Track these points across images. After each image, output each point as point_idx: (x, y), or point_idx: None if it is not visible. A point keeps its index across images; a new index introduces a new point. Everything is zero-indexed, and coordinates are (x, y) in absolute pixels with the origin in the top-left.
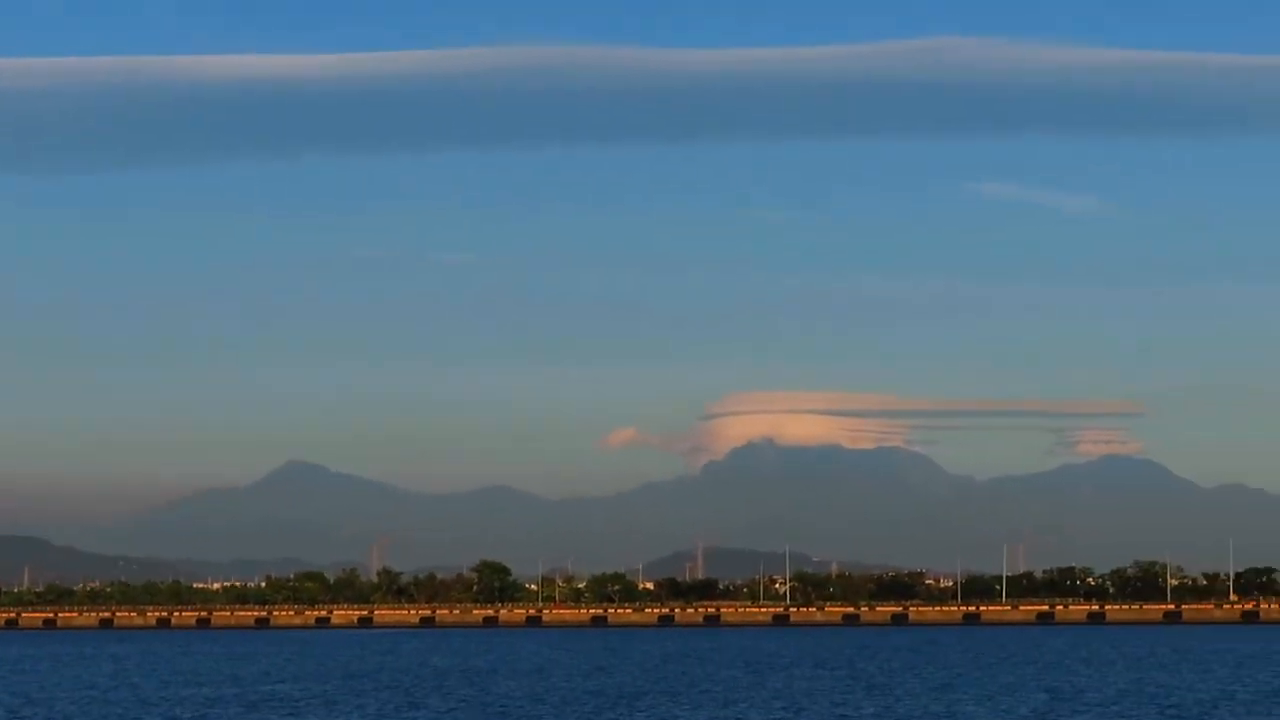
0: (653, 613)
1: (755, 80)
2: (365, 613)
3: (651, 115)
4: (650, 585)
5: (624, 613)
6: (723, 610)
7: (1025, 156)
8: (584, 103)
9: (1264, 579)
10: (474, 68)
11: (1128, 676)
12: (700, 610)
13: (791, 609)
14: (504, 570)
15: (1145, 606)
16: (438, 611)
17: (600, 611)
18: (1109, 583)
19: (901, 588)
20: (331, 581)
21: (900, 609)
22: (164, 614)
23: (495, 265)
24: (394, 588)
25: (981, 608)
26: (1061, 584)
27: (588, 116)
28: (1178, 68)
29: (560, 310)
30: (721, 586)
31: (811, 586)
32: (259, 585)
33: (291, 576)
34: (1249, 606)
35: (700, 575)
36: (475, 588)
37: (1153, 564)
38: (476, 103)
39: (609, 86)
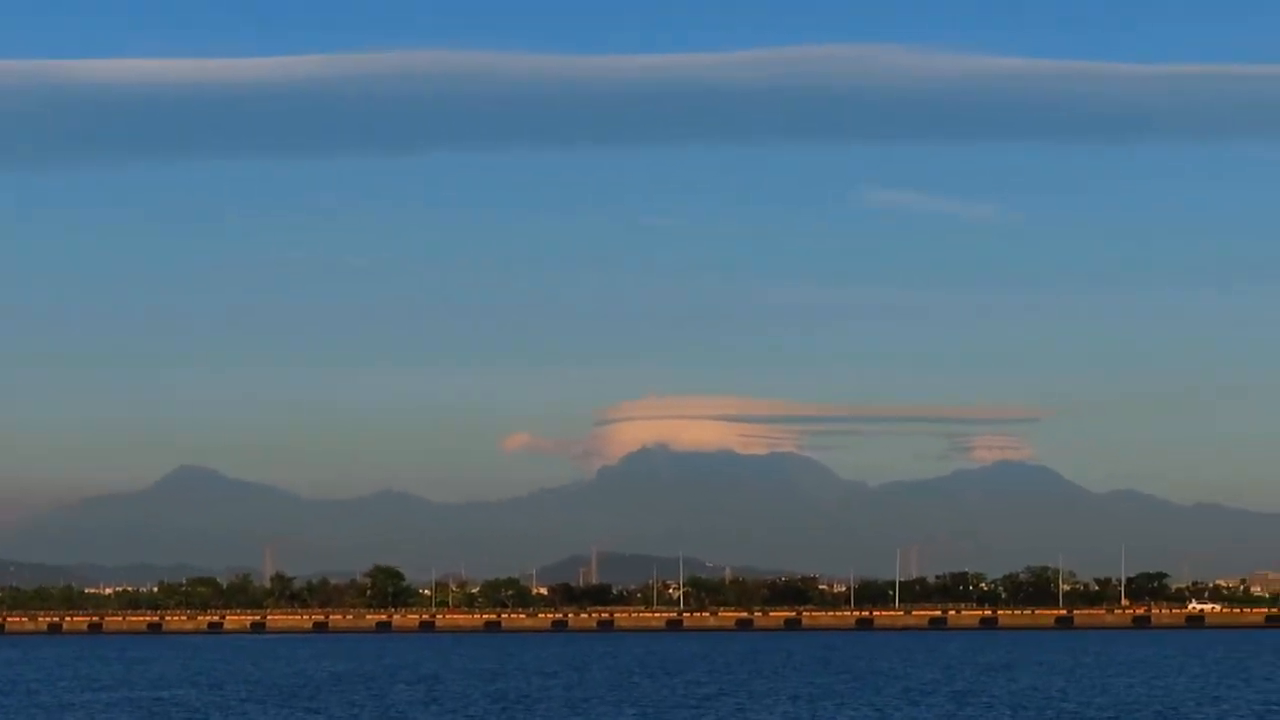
0: (546, 618)
1: (648, 87)
2: (258, 618)
3: (545, 121)
4: (544, 590)
5: (518, 618)
6: (616, 615)
7: (923, 163)
8: (478, 108)
9: (1155, 584)
10: (371, 72)
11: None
12: (594, 615)
13: (685, 614)
14: (397, 575)
15: (1037, 612)
16: (331, 617)
17: (494, 617)
18: (1001, 588)
19: (795, 593)
20: (224, 586)
21: (794, 614)
22: (55, 619)
23: (391, 269)
24: (287, 593)
25: (875, 613)
26: (954, 589)
27: (482, 122)
28: (1076, 75)
29: (455, 314)
30: (615, 592)
31: (705, 592)
32: (151, 590)
33: (184, 582)
34: (1140, 612)
35: (594, 580)
36: (369, 593)
37: (1045, 569)
38: (375, 107)
39: (500, 92)
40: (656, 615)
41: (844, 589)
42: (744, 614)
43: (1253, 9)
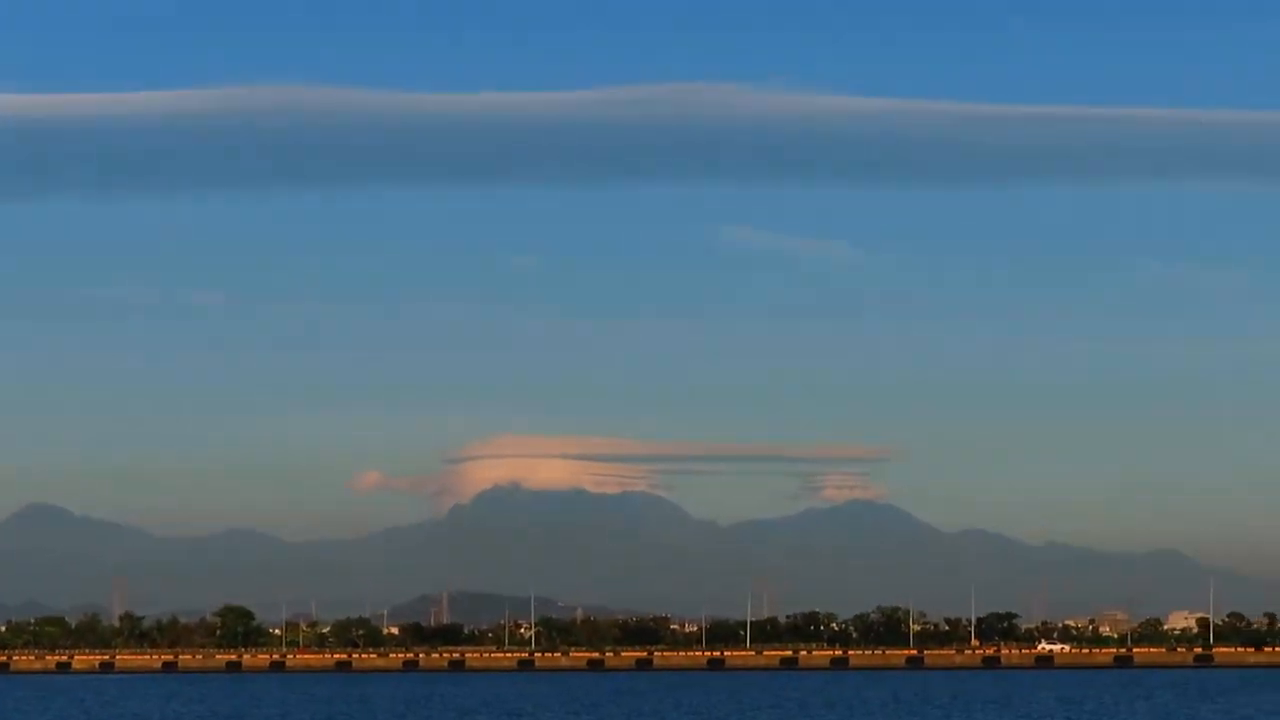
0: (397, 658)
1: (501, 124)
2: (107, 657)
3: (400, 158)
4: (395, 630)
5: (368, 658)
6: (467, 655)
7: (772, 203)
8: (329, 146)
9: (1005, 624)
10: (214, 109)
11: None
12: (445, 655)
13: (537, 654)
14: (247, 614)
15: (888, 652)
16: (180, 656)
17: (344, 656)
18: (852, 628)
19: (646, 633)
20: (73, 626)
21: (645, 654)
22: None
23: (241, 307)
24: (136, 632)
25: (726, 653)
26: (805, 629)
27: (333, 160)
28: (926, 116)
29: (306, 352)
30: (467, 631)
31: (556, 632)
32: None
33: (32, 621)
34: (990, 652)
35: (445, 620)
36: (218, 632)
37: (896, 609)
38: (223, 143)
39: (352, 129)
40: (508, 655)
41: (695, 629)
42: (595, 654)
43: (1101, 51)
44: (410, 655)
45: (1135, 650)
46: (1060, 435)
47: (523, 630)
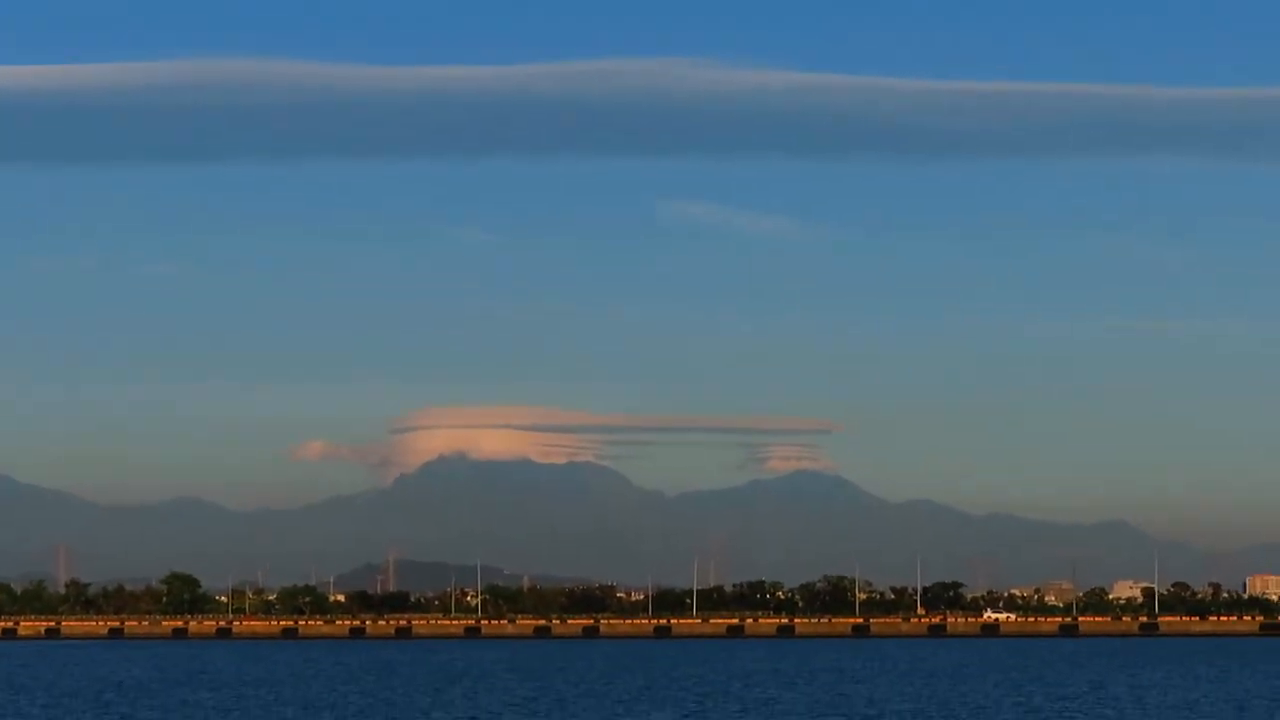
0: (343, 625)
1: (446, 99)
2: (52, 624)
3: (344, 132)
4: (341, 598)
5: (315, 625)
6: (414, 623)
7: (719, 177)
8: (275, 118)
9: (951, 593)
10: (160, 81)
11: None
12: (391, 623)
13: (483, 622)
14: (194, 582)
15: (834, 620)
16: (126, 623)
17: (291, 624)
18: (798, 597)
19: (593, 601)
20: (18, 593)
21: (591, 622)
22: None
23: (189, 277)
24: (82, 599)
25: (672, 621)
26: (751, 598)
27: (279, 133)
28: (870, 90)
29: (251, 321)
30: (413, 599)
31: (503, 600)
32: None
33: None
34: (936, 620)
35: (391, 588)
36: (165, 599)
37: (841, 579)
38: (172, 116)
39: (296, 103)
40: (454, 623)
41: (641, 597)
42: (542, 622)
43: (1046, 26)
44: (357, 623)
45: (1081, 619)
46: (1006, 406)
47: (469, 598)
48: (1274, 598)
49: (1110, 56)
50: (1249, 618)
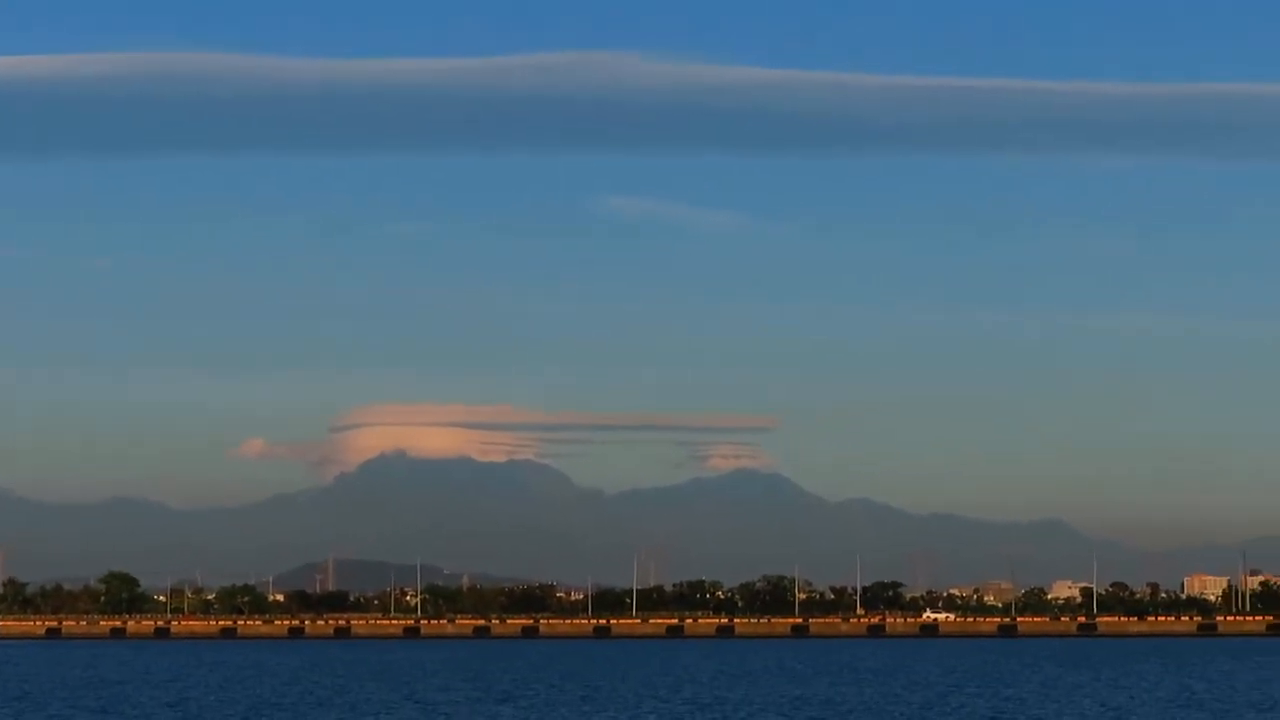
0: (283, 624)
1: (385, 92)
2: None
3: (289, 124)
4: (280, 597)
5: (254, 625)
6: (353, 623)
7: (657, 172)
8: (218, 111)
9: (890, 593)
10: (95, 73)
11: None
12: (331, 622)
13: (423, 621)
14: (132, 581)
15: (773, 620)
16: (64, 623)
17: (230, 623)
18: (738, 596)
19: (532, 600)
20: None
21: (531, 622)
22: None
23: (126, 272)
24: (19, 599)
25: (612, 621)
26: (691, 597)
27: (220, 126)
28: (811, 85)
29: (191, 318)
30: (352, 599)
31: (442, 599)
32: None
33: None
34: (875, 620)
35: (331, 587)
36: (103, 599)
37: (781, 578)
38: (111, 108)
39: (235, 96)
40: (394, 622)
41: (581, 597)
42: (481, 621)
43: (991, 22)
44: (296, 622)
45: (1019, 619)
46: (946, 405)
47: (408, 597)
48: (1212, 598)
49: (1057, 53)
50: (1187, 618)
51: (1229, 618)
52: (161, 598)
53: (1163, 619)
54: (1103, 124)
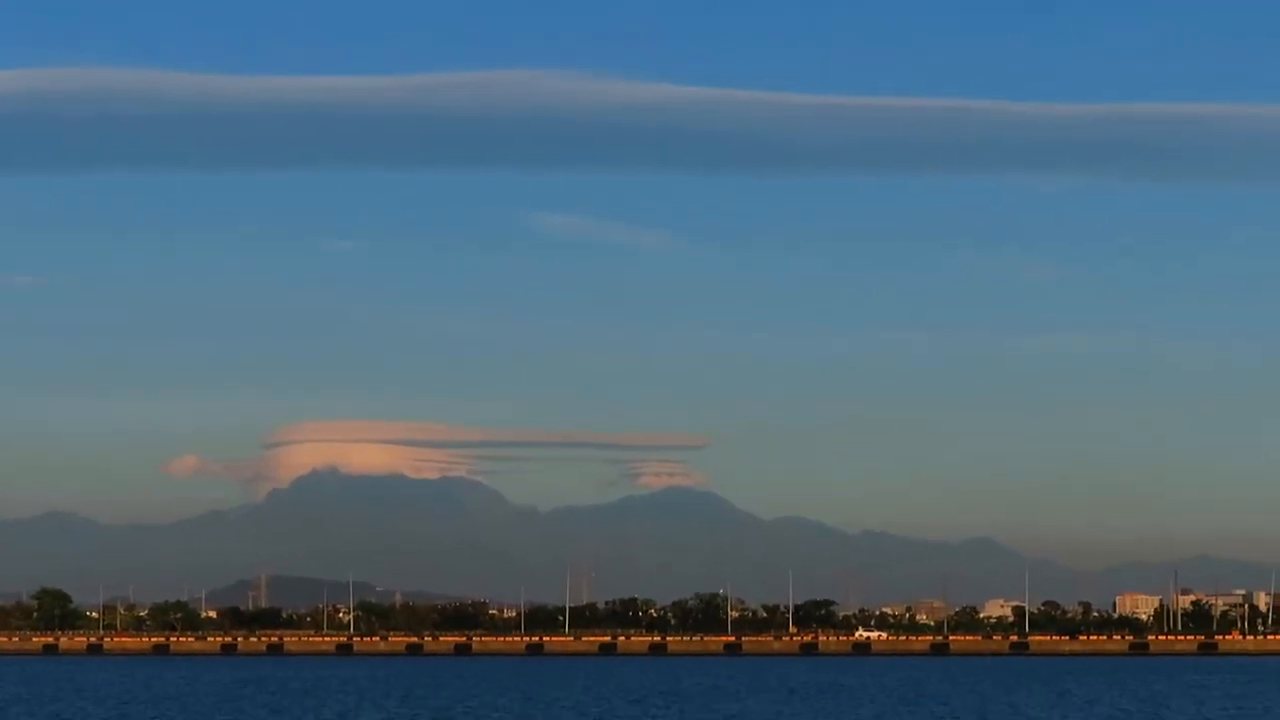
0: (215, 641)
1: (319, 109)
2: None
3: (222, 141)
4: (213, 614)
5: (186, 641)
6: (286, 639)
7: (590, 190)
8: (146, 128)
9: (823, 611)
10: (21, 89)
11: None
12: (264, 639)
13: (355, 638)
14: (64, 598)
15: (706, 638)
16: None
17: (162, 640)
18: (670, 614)
19: (465, 618)
20: None
21: (464, 639)
22: None
23: (57, 289)
24: None
25: (545, 638)
26: (624, 615)
27: (150, 142)
28: (737, 105)
29: (122, 336)
30: (285, 615)
31: (375, 616)
32: None
33: None
34: (808, 639)
35: (264, 604)
36: (35, 615)
37: (714, 596)
38: (40, 125)
39: (167, 113)
40: (326, 639)
41: (514, 614)
42: (414, 639)
43: (922, 42)
44: (228, 639)
45: (952, 638)
46: (878, 424)
47: (341, 614)
48: (1144, 617)
49: (976, 73)
50: (1119, 637)
51: (1160, 637)
52: (94, 614)
53: (1095, 638)
54: (1028, 145)
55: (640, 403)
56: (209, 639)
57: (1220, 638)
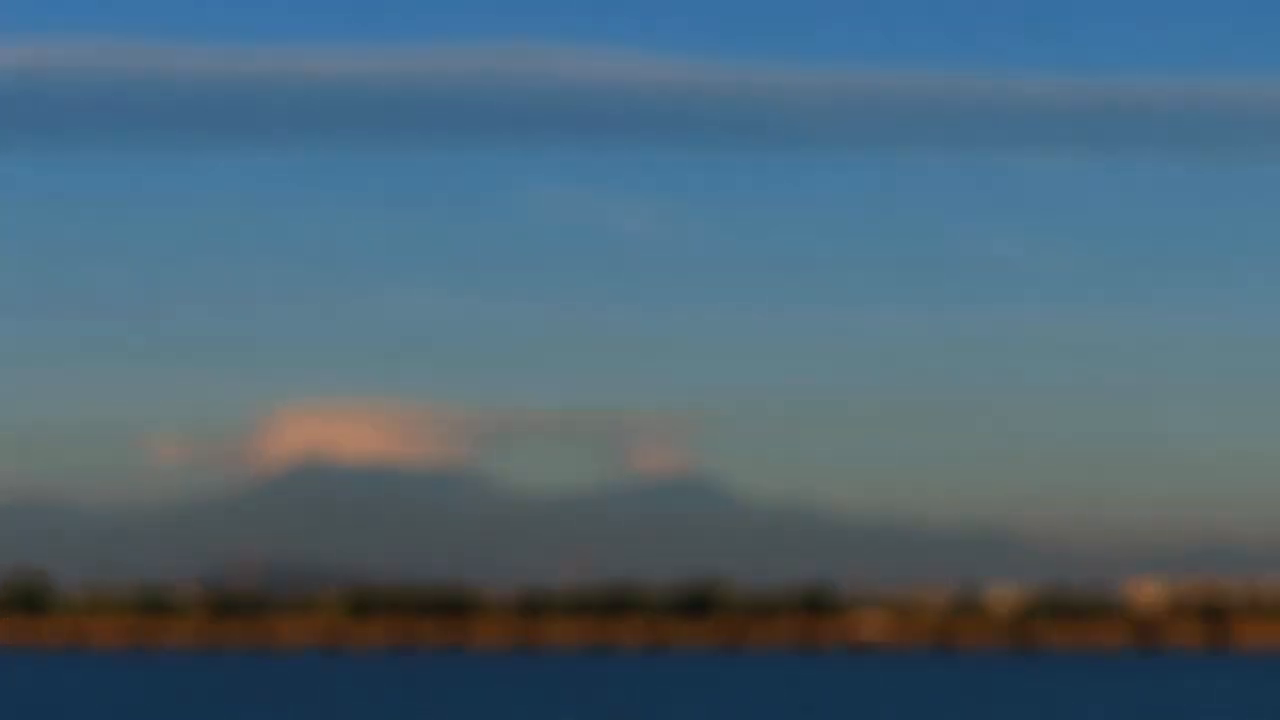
0: (199, 629)
1: (307, 83)
2: None
3: (204, 115)
4: (196, 600)
5: (168, 628)
6: (273, 627)
7: (583, 165)
8: (124, 103)
9: (821, 599)
10: (10, 65)
11: None
12: (249, 627)
13: (344, 627)
14: (41, 583)
15: (702, 628)
16: None
17: (144, 626)
18: (664, 602)
19: (456, 604)
20: None
21: (455, 630)
22: None
23: (28, 266)
24: None
25: (538, 630)
26: (618, 601)
27: (136, 118)
28: (731, 78)
29: (104, 314)
30: (271, 602)
31: (364, 603)
32: None
33: None
34: (806, 628)
35: (249, 590)
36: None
37: (712, 581)
38: (34, 100)
39: (154, 83)
40: (314, 627)
41: (507, 601)
42: (405, 629)
43: (916, 14)
44: (213, 626)
45: (955, 627)
46: (880, 406)
47: (329, 601)
48: (1153, 605)
49: (979, 46)
50: (1127, 626)
51: (1170, 626)
52: (72, 600)
53: (1102, 626)
54: (1026, 120)
55: (636, 385)
56: (192, 627)
57: (1235, 627)
